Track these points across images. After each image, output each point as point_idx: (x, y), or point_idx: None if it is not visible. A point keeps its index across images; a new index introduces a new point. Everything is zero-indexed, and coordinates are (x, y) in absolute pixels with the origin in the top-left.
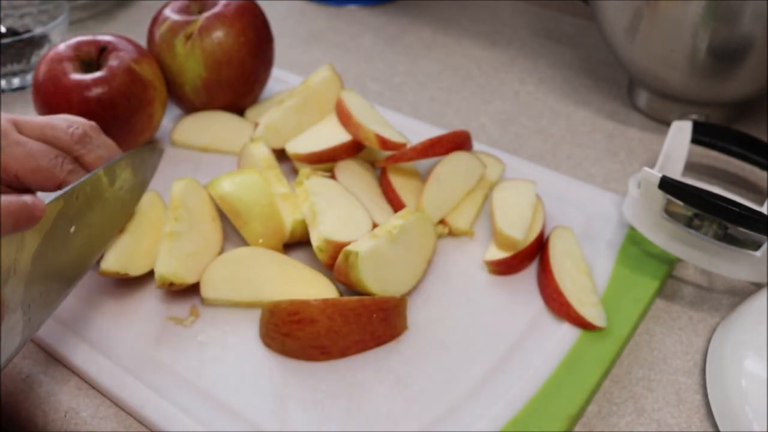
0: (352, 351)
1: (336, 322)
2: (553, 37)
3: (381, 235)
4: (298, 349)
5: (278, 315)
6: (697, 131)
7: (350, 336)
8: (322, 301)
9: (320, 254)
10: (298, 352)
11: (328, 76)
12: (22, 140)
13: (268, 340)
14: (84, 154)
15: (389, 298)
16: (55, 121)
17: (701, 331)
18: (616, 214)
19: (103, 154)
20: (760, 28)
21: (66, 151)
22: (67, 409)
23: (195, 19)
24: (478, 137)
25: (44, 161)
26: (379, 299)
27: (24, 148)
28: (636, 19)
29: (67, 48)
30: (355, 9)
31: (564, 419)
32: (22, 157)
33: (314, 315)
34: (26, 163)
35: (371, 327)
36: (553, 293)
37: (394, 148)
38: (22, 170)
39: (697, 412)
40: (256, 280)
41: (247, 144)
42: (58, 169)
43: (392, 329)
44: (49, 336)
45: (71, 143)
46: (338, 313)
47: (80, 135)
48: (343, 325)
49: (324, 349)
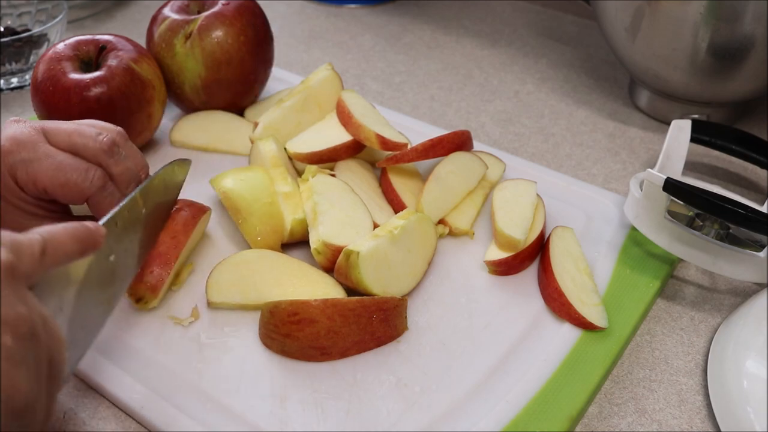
0: (352, 351)
1: (336, 323)
2: (553, 37)
3: (382, 235)
4: (297, 350)
5: (278, 315)
6: (696, 130)
7: (350, 336)
8: (321, 301)
9: (317, 256)
10: (297, 352)
11: (328, 76)
12: (51, 152)
13: (267, 340)
14: (112, 165)
15: (389, 299)
16: (84, 128)
17: (703, 331)
18: (617, 214)
19: (130, 166)
20: (761, 28)
21: (94, 161)
22: (65, 409)
23: (194, 19)
24: (478, 137)
25: (74, 176)
26: (379, 300)
27: (53, 162)
28: (637, 19)
29: (66, 47)
30: (355, 8)
31: (565, 420)
32: (51, 171)
33: (314, 315)
34: (55, 177)
35: (371, 327)
36: (554, 293)
37: (394, 149)
38: (50, 184)
39: (699, 412)
40: (262, 282)
41: (257, 142)
42: (87, 184)
43: (392, 330)
44: None
45: (100, 153)
46: (338, 313)
47: (109, 144)
48: (342, 326)
49: (324, 350)
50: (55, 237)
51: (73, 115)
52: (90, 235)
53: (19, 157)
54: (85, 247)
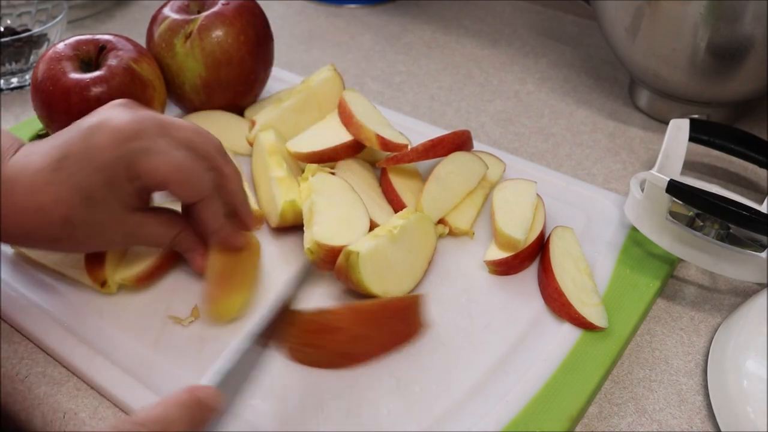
0: (376, 353)
1: (360, 327)
2: (553, 36)
3: (382, 235)
4: (325, 359)
5: (302, 326)
6: (694, 129)
7: (374, 339)
8: (344, 307)
9: (311, 256)
10: (325, 361)
11: (329, 77)
12: (172, 146)
13: (293, 353)
14: (224, 164)
15: (406, 297)
16: (199, 128)
17: (703, 331)
18: (618, 213)
19: (237, 169)
20: (761, 28)
21: (208, 160)
22: (65, 410)
23: (194, 19)
24: (478, 137)
25: (193, 177)
26: (397, 299)
27: (175, 157)
28: (637, 19)
29: (66, 47)
30: (355, 8)
31: (565, 420)
32: (171, 167)
33: (338, 322)
34: (175, 174)
35: (392, 328)
36: (554, 293)
37: (394, 150)
38: (169, 179)
39: (699, 412)
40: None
41: (258, 134)
42: (203, 185)
43: (412, 328)
44: (48, 336)
45: (215, 152)
46: (361, 317)
47: (221, 144)
48: (366, 329)
49: (351, 356)
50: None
51: (73, 115)
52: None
53: (141, 145)
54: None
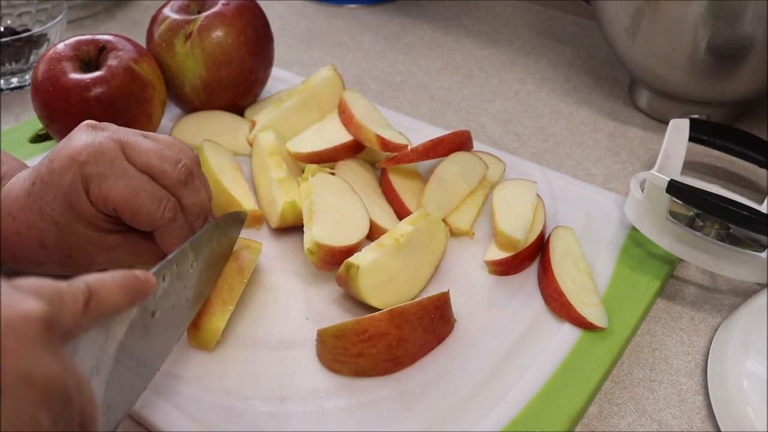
0: (420, 354)
1: (404, 331)
2: (553, 37)
3: (387, 245)
4: (372, 366)
5: (346, 338)
6: (694, 129)
7: (418, 340)
8: (386, 313)
9: (311, 256)
10: (372, 369)
11: (329, 77)
12: (128, 171)
13: (337, 365)
14: (185, 196)
15: (441, 295)
16: (164, 151)
17: (703, 331)
18: (618, 213)
19: (203, 198)
20: (761, 28)
21: (168, 188)
22: None
23: (194, 19)
24: (478, 137)
25: (147, 203)
26: (434, 298)
27: (129, 183)
28: (637, 19)
29: (66, 47)
30: (355, 8)
31: (565, 420)
32: (125, 193)
33: (383, 328)
34: (128, 200)
35: (433, 327)
36: (554, 293)
37: (394, 150)
38: (122, 206)
39: (699, 412)
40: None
41: (257, 134)
42: (159, 214)
43: (448, 324)
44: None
45: (176, 182)
46: (404, 321)
47: (186, 174)
48: (411, 332)
49: (397, 360)
50: (102, 286)
51: (73, 115)
52: (139, 283)
53: (95, 170)
54: (133, 296)
